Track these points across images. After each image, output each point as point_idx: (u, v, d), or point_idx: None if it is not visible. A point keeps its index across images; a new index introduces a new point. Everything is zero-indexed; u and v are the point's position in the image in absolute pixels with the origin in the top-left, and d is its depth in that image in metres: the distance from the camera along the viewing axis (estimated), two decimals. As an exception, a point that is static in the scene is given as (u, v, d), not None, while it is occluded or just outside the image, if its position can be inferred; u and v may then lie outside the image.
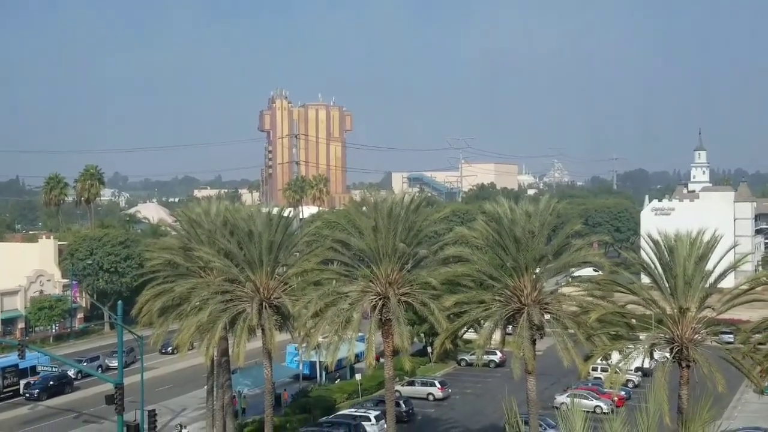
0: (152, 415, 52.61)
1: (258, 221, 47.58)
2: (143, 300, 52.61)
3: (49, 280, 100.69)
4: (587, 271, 50.56)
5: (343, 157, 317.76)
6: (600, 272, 47.66)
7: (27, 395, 70.40)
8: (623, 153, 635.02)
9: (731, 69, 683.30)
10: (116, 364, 58.59)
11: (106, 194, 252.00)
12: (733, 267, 39.59)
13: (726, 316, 40.36)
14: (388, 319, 43.15)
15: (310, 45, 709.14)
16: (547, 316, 41.41)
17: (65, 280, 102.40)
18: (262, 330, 46.04)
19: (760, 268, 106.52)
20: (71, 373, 74.60)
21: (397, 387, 62.40)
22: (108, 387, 59.01)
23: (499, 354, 77.49)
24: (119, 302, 57.17)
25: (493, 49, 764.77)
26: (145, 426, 52.43)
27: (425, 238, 46.79)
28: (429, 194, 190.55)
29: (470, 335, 50.39)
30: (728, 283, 41.14)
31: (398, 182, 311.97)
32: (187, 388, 73.08)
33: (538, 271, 41.79)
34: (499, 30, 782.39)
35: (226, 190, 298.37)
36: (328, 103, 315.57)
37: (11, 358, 70.60)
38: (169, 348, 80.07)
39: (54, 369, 73.43)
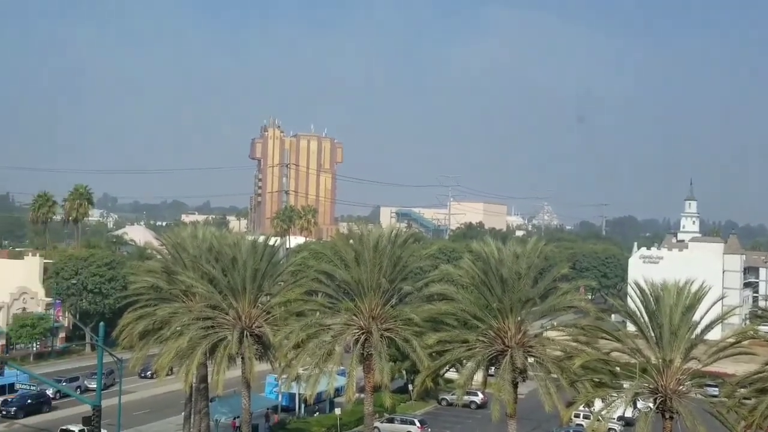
0: (126, 440, 51.78)
1: (243, 248, 47.28)
2: (125, 322, 52.14)
3: (32, 298, 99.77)
4: (571, 316, 50.29)
5: (333, 188, 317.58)
6: (584, 317, 47.33)
7: (4, 413, 69.51)
8: (613, 199, 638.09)
9: (724, 121, 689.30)
10: (95, 386, 57.77)
11: (94, 215, 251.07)
12: (721, 319, 39.31)
13: (711, 368, 40.07)
14: (369, 354, 42.72)
15: (304, 75, 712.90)
16: (530, 360, 41.04)
17: (49, 299, 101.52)
18: (242, 359, 45.52)
19: (748, 322, 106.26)
20: (50, 392, 73.73)
21: (377, 423, 61.70)
22: (86, 408, 58.12)
23: (480, 395, 76.82)
24: (101, 323, 56.58)
25: (486, 88, 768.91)
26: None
27: (410, 274, 46.54)
28: (416, 230, 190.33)
29: (452, 374, 49.94)
30: (715, 335, 40.86)
31: (386, 217, 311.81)
32: (164, 413, 72.09)
33: (523, 313, 41.47)
34: (492, 69, 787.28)
35: (214, 216, 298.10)
36: (320, 134, 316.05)
37: (-10, 374, 69.69)
38: (149, 372, 79.19)
39: (32, 387, 72.50)
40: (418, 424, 69.42)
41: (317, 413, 72.19)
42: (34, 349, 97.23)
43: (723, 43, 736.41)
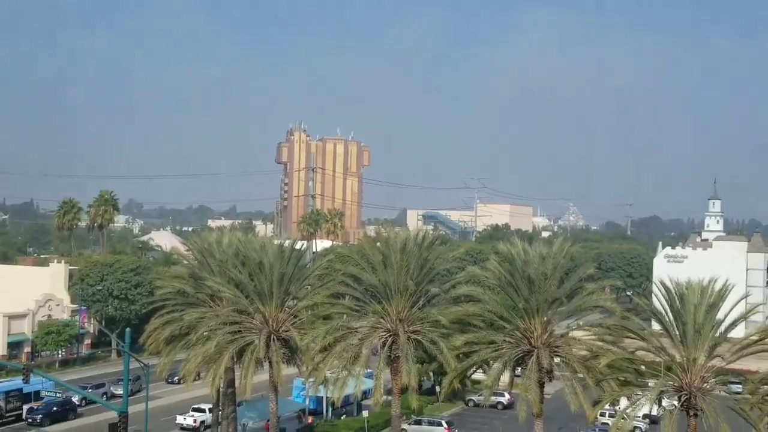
0: (156, 444, 52.29)
1: (270, 253, 47.64)
2: (151, 328, 52.56)
3: (57, 305, 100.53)
4: (597, 316, 50.40)
5: (359, 192, 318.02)
6: (609, 317, 47.42)
7: (30, 420, 69.86)
8: (638, 199, 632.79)
9: (749, 120, 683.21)
10: (121, 392, 58.35)
11: (119, 220, 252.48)
12: (744, 317, 39.32)
13: (735, 365, 40.06)
14: (397, 356, 43.00)
15: (330, 78, 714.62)
16: (556, 360, 41.19)
17: (74, 305, 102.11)
18: (269, 363, 45.89)
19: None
20: (75, 399, 74.12)
21: (404, 425, 61.92)
22: (112, 415, 58.58)
23: (507, 396, 76.85)
24: (127, 329, 57.04)
25: (513, 90, 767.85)
26: (148, 455, 52.05)
27: (437, 276, 46.77)
28: (443, 232, 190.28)
29: (479, 376, 50.10)
30: (738, 333, 40.85)
31: (413, 219, 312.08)
32: (192, 418, 72.53)
33: (549, 313, 41.65)
34: (519, 71, 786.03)
35: (240, 221, 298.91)
36: (347, 138, 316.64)
37: (16, 382, 70.22)
38: (176, 378, 79.74)
39: (58, 394, 72.99)
40: (445, 425, 69.58)
41: (344, 416, 72.52)
42: (60, 356, 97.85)
43: (750, 41, 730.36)
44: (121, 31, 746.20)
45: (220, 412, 56.60)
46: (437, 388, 78.17)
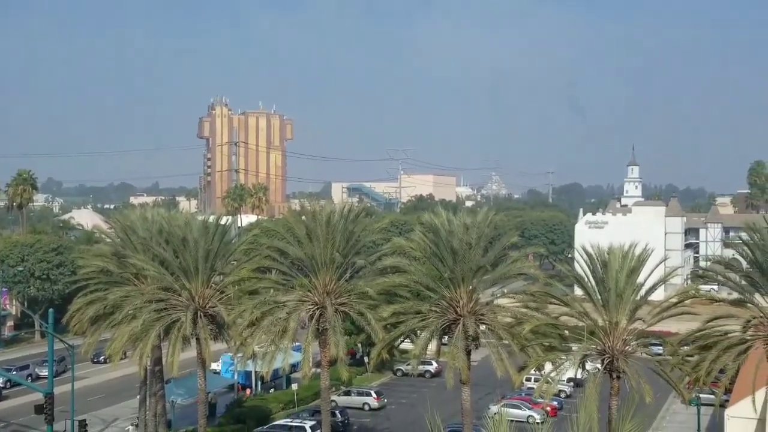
0: (82, 425, 51.57)
1: (194, 229, 47.17)
2: (75, 308, 51.71)
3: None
4: (521, 283, 51.30)
5: (283, 166, 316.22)
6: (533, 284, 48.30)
7: (-48, 404, 68.52)
8: (559, 167, 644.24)
9: (664, 87, 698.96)
10: (46, 374, 57.40)
11: (39, 200, 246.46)
12: (663, 280, 40.45)
13: (656, 328, 41.27)
14: (324, 329, 43.11)
15: (252, 52, 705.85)
16: (482, 327, 41.83)
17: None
18: (197, 339, 45.60)
19: (689, 282, 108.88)
20: (0, 382, 72.80)
21: (333, 397, 62.26)
22: (37, 396, 57.76)
23: (434, 364, 77.88)
24: (50, 310, 56.10)
25: (434, 62, 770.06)
26: (75, 436, 51.40)
27: (363, 248, 46.94)
28: (368, 205, 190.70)
29: (407, 345, 50.61)
30: (658, 296, 42.04)
31: (338, 192, 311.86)
32: (119, 397, 71.90)
33: (474, 282, 42.19)
34: (440, 44, 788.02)
35: (163, 198, 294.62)
36: (269, 111, 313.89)
37: (-63, 366, 68.65)
38: (102, 357, 78.66)
39: (-19, 378, 71.58)
40: (374, 395, 70.24)
41: (274, 389, 72.61)
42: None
43: (667, 6, 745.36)
44: (38, 7, 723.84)
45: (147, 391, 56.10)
46: (366, 359, 78.75)
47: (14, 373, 72.85)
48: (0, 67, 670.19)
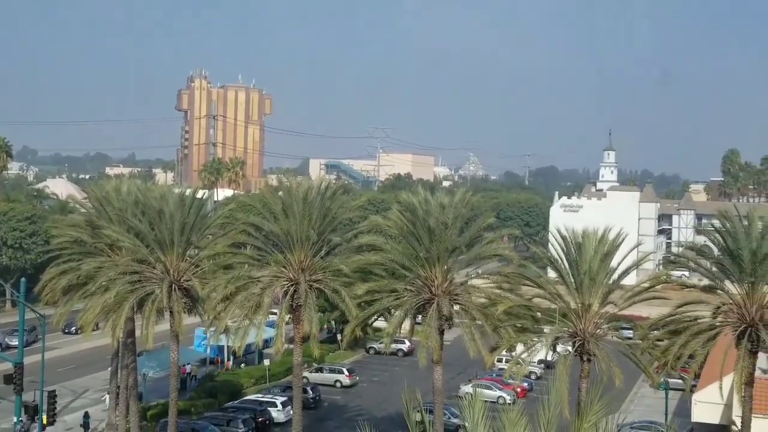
0: (52, 395, 51.47)
1: (170, 201, 46.92)
2: (47, 278, 51.31)
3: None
4: (496, 264, 51.54)
5: (261, 140, 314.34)
6: (507, 265, 48.56)
7: None
8: (536, 149, 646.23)
9: (642, 74, 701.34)
10: (16, 343, 57.10)
11: (13, 167, 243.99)
12: (636, 265, 40.81)
13: (627, 312, 41.64)
14: (298, 305, 43.14)
15: (233, 26, 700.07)
16: (456, 307, 42.01)
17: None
18: (171, 312, 45.50)
19: (661, 267, 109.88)
20: (-31, 351, 72.39)
21: (305, 373, 62.47)
22: (7, 366, 57.46)
23: (407, 343, 78.28)
24: (22, 279, 55.78)
25: (416, 40, 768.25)
26: (44, 407, 51.23)
27: (340, 226, 46.93)
28: (346, 182, 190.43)
29: (380, 324, 50.75)
30: (630, 280, 42.44)
31: (315, 169, 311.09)
32: (90, 369, 71.76)
33: (449, 262, 42.34)
34: (423, 23, 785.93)
35: (139, 169, 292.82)
36: (248, 86, 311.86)
37: None
38: (73, 328, 78.35)
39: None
40: (346, 372, 70.55)
41: (245, 364, 72.72)
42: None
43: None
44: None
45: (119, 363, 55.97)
46: (339, 337, 78.99)
47: (-16, 342, 72.49)
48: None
